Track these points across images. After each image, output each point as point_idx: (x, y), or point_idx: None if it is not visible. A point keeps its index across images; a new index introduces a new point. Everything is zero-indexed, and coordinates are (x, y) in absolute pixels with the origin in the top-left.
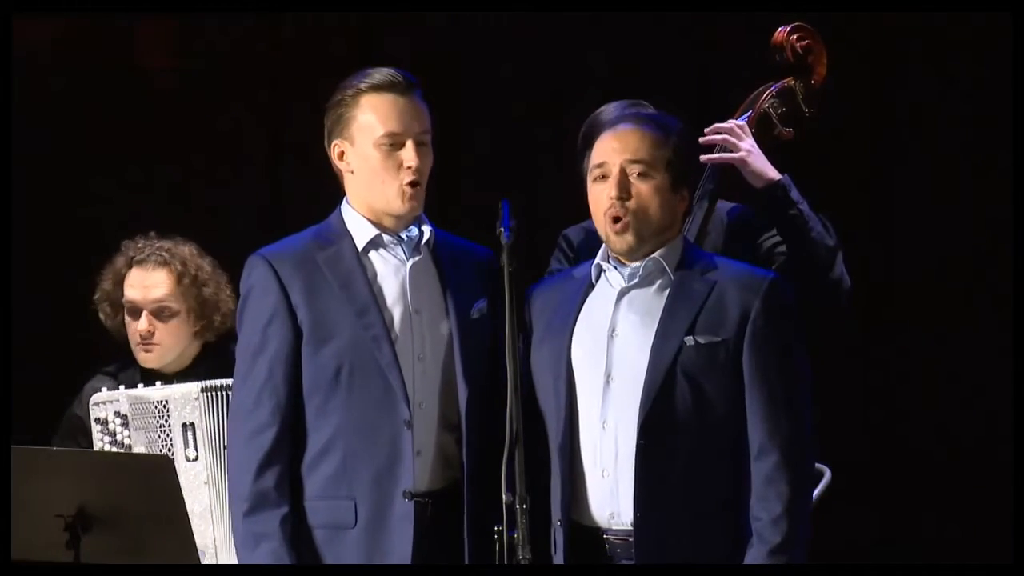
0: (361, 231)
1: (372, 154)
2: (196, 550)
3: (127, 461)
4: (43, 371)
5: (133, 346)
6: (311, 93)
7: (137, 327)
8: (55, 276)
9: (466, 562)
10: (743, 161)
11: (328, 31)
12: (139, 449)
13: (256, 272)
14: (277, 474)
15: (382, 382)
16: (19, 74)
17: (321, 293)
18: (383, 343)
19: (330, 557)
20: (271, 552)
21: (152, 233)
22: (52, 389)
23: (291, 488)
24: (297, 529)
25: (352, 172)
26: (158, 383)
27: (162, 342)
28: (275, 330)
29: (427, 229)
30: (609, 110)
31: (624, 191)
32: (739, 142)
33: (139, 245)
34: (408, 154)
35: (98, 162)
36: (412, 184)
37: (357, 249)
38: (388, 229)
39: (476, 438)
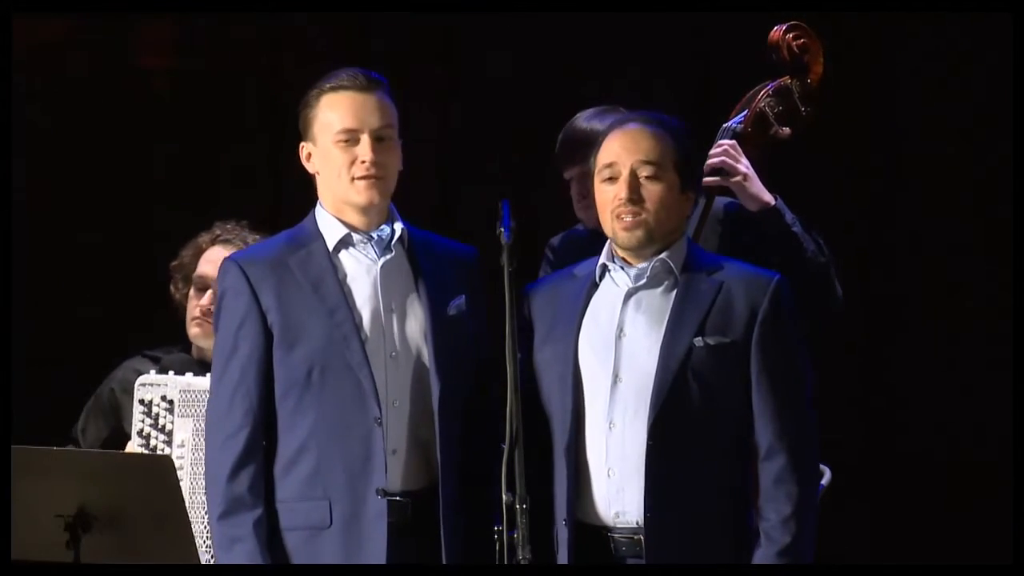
0: (332, 231)
1: (332, 151)
2: (196, 550)
3: (127, 461)
4: (43, 372)
5: (189, 320)
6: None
7: (199, 302)
8: (54, 276)
9: (443, 561)
10: (740, 184)
11: (328, 31)
12: (182, 435)
13: (228, 276)
14: (251, 477)
15: (352, 381)
16: (19, 74)
17: (292, 295)
18: (353, 342)
19: (307, 558)
20: (246, 554)
21: (244, 222)
22: (53, 390)
23: (266, 490)
24: (273, 531)
25: (318, 173)
26: (208, 375)
27: None
28: (246, 333)
29: (399, 227)
30: (587, 115)
31: (635, 193)
32: (737, 164)
33: (228, 227)
34: (363, 148)
35: (98, 162)
36: (364, 177)
37: (329, 250)
38: (358, 228)
39: (450, 435)
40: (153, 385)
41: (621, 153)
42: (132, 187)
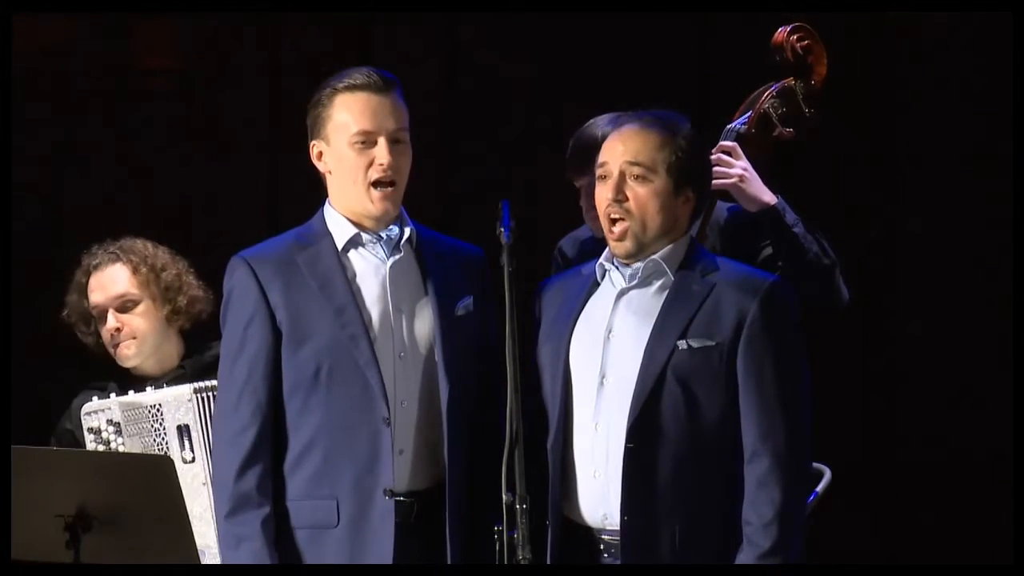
0: (341, 231)
1: (347, 153)
2: (196, 550)
3: (127, 461)
4: (42, 373)
5: (111, 351)
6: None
7: (106, 327)
8: (54, 277)
9: (448, 561)
10: (736, 187)
11: (329, 30)
12: None
13: (236, 274)
14: (258, 475)
15: (360, 381)
16: (19, 74)
17: (300, 293)
18: (361, 341)
19: (313, 557)
20: (252, 553)
21: (107, 240)
22: (51, 391)
23: (274, 488)
24: (279, 529)
25: (330, 172)
26: (148, 389)
27: (135, 334)
28: (254, 331)
29: (408, 228)
30: (600, 121)
31: (620, 193)
32: (729, 169)
33: (93, 251)
34: (380, 151)
35: (98, 162)
36: (382, 183)
37: (337, 249)
38: (368, 228)
39: (458, 436)
40: (97, 412)
41: (612, 154)
42: (131, 186)
